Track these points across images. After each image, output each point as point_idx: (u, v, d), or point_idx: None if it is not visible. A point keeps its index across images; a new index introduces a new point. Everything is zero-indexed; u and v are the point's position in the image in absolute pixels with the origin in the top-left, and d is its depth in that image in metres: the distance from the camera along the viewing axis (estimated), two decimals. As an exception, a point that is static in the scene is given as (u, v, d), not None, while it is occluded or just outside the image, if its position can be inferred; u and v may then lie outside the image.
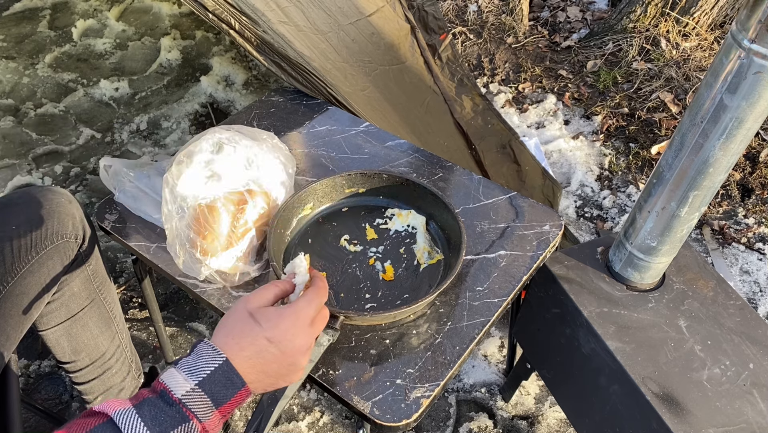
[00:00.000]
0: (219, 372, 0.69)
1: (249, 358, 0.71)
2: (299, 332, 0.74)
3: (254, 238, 1.10)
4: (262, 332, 0.72)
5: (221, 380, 0.69)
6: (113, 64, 2.74)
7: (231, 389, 0.69)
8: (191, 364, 0.69)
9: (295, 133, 1.44)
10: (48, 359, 1.70)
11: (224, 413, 0.70)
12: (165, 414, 0.65)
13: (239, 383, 0.70)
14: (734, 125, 0.89)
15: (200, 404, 0.67)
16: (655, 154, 2.28)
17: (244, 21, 1.38)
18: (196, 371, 0.68)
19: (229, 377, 0.69)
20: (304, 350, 0.75)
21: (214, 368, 0.69)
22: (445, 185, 1.30)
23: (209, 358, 0.69)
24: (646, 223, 1.09)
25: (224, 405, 0.69)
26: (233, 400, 0.70)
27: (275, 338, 0.72)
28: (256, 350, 0.71)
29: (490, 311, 1.06)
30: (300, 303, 0.76)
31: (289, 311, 0.75)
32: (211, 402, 0.68)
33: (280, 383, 0.75)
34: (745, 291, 1.92)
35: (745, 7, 0.81)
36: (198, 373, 0.68)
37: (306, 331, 0.75)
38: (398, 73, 1.77)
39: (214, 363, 0.69)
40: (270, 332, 0.72)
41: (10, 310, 1.05)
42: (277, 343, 0.72)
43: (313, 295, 0.79)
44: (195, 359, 0.69)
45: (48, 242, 1.09)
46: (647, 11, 2.71)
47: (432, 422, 1.58)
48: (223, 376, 0.69)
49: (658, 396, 1.02)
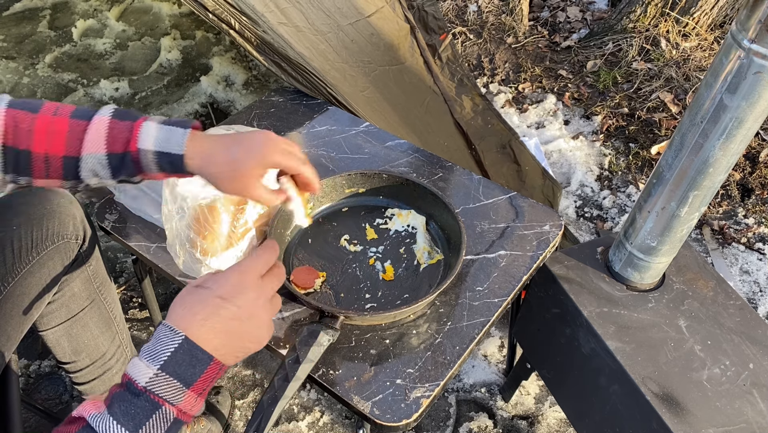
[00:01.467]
0: (180, 352, 0.68)
1: (205, 321, 0.69)
2: (249, 284, 0.73)
3: (254, 238, 1.11)
4: (212, 292, 0.71)
5: (185, 359, 0.68)
6: (113, 64, 2.74)
7: (198, 367, 0.68)
8: (151, 349, 0.68)
9: (295, 133, 1.44)
10: (48, 359, 1.70)
11: (199, 391, 0.69)
12: (135, 406, 0.65)
13: (205, 358, 0.69)
14: (734, 125, 0.89)
15: (168, 388, 0.66)
16: (655, 154, 2.29)
17: (244, 21, 1.38)
18: (157, 355, 0.67)
19: (193, 354, 0.68)
20: (261, 302, 0.73)
21: (174, 348, 0.68)
22: (445, 185, 1.30)
23: (168, 340, 0.68)
24: (646, 223, 1.09)
25: (195, 383, 0.68)
26: (204, 376, 0.69)
27: (226, 294, 0.71)
28: (210, 311, 0.70)
29: (490, 311, 1.06)
30: (245, 260, 0.76)
31: (234, 267, 0.74)
32: (180, 383, 0.67)
33: (249, 344, 0.73)
34: (745, 291, 1.92)
35: (745, 7, 0.81)
36: (159, 357, 0.67)
37: (256, 283, 0.74)
38: (398, 73, 1.77)
39: (173, 343, 0.68)
40: (219, 290, 0.71)
41: (10, 310, 1.05)
42: (229, 299, 0.71)
43: (260, 251, 0.77)
44: (154, 344, 0.68)
45: (49, 242, 1.09)
46: (647, 11, 2.71)
47: (432, 422, 1.58)
48: (185, 354, 0.68)
49: (658, 396, 1.02)
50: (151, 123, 0.83)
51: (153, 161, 0.83)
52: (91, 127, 0.82)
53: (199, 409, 0.71)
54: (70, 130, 0.81)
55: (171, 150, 0.82)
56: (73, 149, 0.81)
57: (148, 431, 0.65)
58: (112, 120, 0.82)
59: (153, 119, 0.84)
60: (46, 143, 0.81)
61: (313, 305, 1.03)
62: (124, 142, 0.82)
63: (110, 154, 0.82)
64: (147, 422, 0.65)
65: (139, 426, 0.64)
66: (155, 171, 0.84)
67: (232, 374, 1.67)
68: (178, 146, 0.82)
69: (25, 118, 0.82)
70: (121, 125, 0.82)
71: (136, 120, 0.83)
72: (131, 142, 0.82)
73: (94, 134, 0.81)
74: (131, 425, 0.64)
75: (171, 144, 0.82)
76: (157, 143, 0.82)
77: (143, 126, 0.83)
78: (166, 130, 0.83)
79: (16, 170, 0.82)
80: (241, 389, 1.64)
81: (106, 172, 0.84)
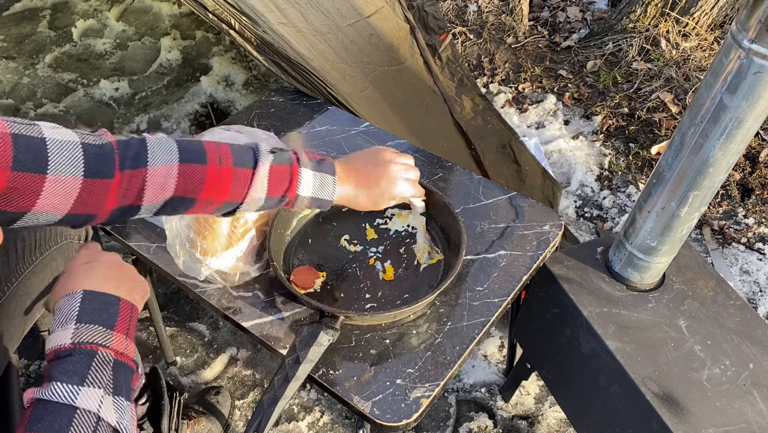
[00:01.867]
0: (86, 302, 0.73)
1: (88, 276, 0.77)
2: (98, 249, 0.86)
3: (254, 238, 1.11)
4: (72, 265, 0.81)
5: (94, 306, 0.73)
6: (113, 64, 2.74)
7: (111, 309, 0.74)
8: (59, 318, 0.73)
9: (295, 133, 1.44)
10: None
11: (124, 331, 0.74)
12: (71, 363, 0.67)
13: (111, 300, 0.75)
14: (734, 125, 0.89)
15: (92, 334, 0.70)
16: (655, 154, 2.29)
17: (244, 21, 1.38)
18: (67, 317, 0.72)
19: (98, 300, 0.74)
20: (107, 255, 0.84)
21: (79, 303, 0.73)
22: (445, 185, 1.30)
23: (69, 302, 0.73)
24: (646, 223, 1.09)
25: (116, 324, 0.73)
26: (121, 316, 0.74)
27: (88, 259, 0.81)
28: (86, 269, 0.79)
29: (490, 311, 1.06)
30: None
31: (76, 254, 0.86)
32: (102, 327, 0.71)
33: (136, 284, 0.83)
34: (745, 291, 1.92)
35: (745, 7, 0.81)
36: (70, 317, 0.72)
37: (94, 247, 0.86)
38: (398, 73, 1.77)
39: (76, 300, 0.73)
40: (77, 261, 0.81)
41: (13, 311, 1.05)
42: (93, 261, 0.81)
43: None
44: (59, 313, 0.73)
45: (52, 243, 1.09)
46: (647, 11, 2.71)
47: (432, 422, 1.58)
48: (92, 303, 0.73)
49: (658, 396, 1.02)
50: (307, 170, 0.89)
51: (305, 203, 0.91)
52: (257, 178, 0.85)
53: (133, 352, 0.74)
54: (235, 180, 0.84)
55: (324, 196, 0.92)
56: (236, 196, 0.85)
57: (94, 377, 0.67)
58: (273, 166, 0.86)
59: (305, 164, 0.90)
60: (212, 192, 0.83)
61: (313, 305, 1.03)
62: (284, 189, 0.88)
63: (269, 198, 0.87)
64: (89, 370, 0.67)
65: (83, 377, 0.66)
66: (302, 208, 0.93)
67: (232, 374, 1.68)
68: (329, 193, 0.92)
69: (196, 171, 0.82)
70: (281, 172, 0.87)
71: (293, 164, 0.89)
72: (291, 190, 0.88)
73: (257, 184, 0.85)
74: (76, 379, 0.66)
75: (324, 191, 0.92)
76: (314, 191, 0.91)
77: (301, 174, 0.89)
78: (319, 177, 0.91)
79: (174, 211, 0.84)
80: (241, 389, 1.64)
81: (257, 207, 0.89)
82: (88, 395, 0.65)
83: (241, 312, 1.07)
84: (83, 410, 0.64)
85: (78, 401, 0.64)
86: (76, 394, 0.64)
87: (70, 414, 0.63)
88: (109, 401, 0.66)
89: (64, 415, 0.63)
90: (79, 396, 0.64)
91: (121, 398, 0.68)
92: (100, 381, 0.66)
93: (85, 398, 0.64)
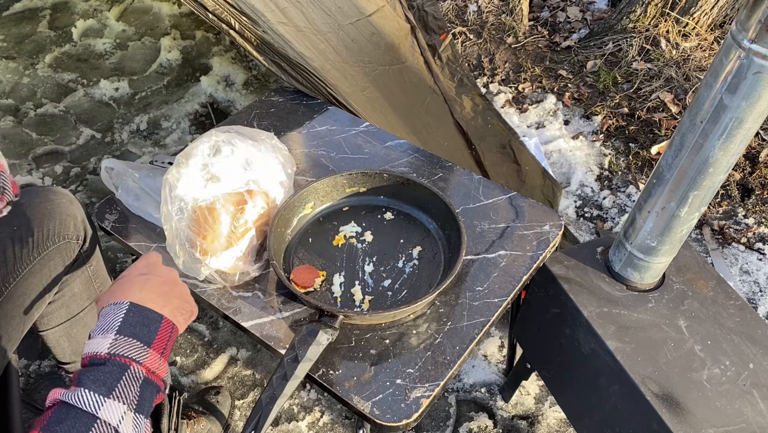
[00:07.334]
0: (131, 315, 0.73)
1: (142, 289, 0.77)
2: (157, 263, 0.85)
3: (254, 238, 1.11)
4: (131, 274, 0.81)
5: (137, 320, 0.73)
6: (113, 64, 2.74)
7: (152, 325, 0.74)
8: (101, 325, 0.72)
9: (295, 133, 1.44)
10: (48, 359, 1.70)
11: (160, 351, 0.73)
12: (103, 373, 0.67)
13: (155, 317, 0.74)
14: (734, 125, 0.89)
15: (129, 348, 0.70)
16: (655, 154, 2.28)
17: (244, 21, 1.38)
18: (109, 326, 0.72)
19: (143, 314, 0.74)
20: (175, 276, 0.85)
21: (123, 314, 0.73)
22: (445, 185, 1.30)
23: (114, 311, 0.73)
24: (646, 223, 1.09)
25: (154, 342, 0.72)
26: (160, 335, 0.74)
27: (145, 271, 0.81)
28: (141, 282, 0.78)
29: (490, 311, 1.06)
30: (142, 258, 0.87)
31: (139, 259, 0.87)
32: (140, 342, 0.71)
33: (186, 305, 0.82)
34: (745, 291, 1.92)
35: (745, 7, 0.81)
36: (112, 326, 0.71)
37: (162, 265, 0.86)
38: (398, 73, 1.77)
39: (121, 311, 0.73)
40: (136, 271, 0.81)
41: (11, 311, 1.05)
42: (150, 273, 0.81)
43: None
44: (102, 321, 0.73)
45: (50, 242, 1.09)
46: (647, 11, 2.71)
47: (432, 422, 1.58)
48: (136, 316, 0.73)
49: (658, 396, 1.02)
50: None
51: None
52: None
53: (165, 372, 0.74)
54: None
55: None
56: None
57: (121, 392, 0.67)
58: None
59: None
60: None
61: (313, 304, 1.03)
62: None
63: None
64: (118, 383, 0.67)
65: (111, 389, 0.66)
66: None
67: (232, 374, 1.67)
68: None
69: None
70: None
71: None
72: None
73: None
74: (104, 390, 0.66)
75: None
76: None
77: None
78: None
79: None
80: (241, 389, 1.64)
81: None
82: (111, 408, 0.65)
83: (241, 312, 1.07)
84: (103, 421, 0.64)
85: (100, 412, 0.64)
86: (100, 404, 0.64)
87: (89, 423, 0.63)
88: (130, 417, 0.66)
89: (83, 423, 0.63)
90: (103, 408, 0.64)
91: (142, 415, 0.68)
92: (126, 396, 0.67)
93: (108, 410, 0.65)
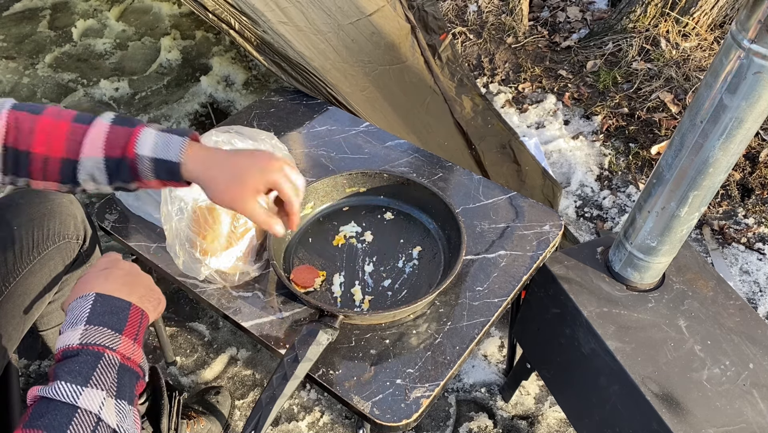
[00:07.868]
0: (98, 305, 0.73)
1: (105, 280, 0.78)
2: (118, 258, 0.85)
3: (254, 238, 1.11)
4: (93, 271, 0.81)
5: (105, 309, 0.73)
6: (113, 64, 2.74)
7: (121, 313, 0.74)
8: (70, 319, 0.73)
9: (295, 133, 1.44)
10: (48, 359, 1.70)
11: (132, 336, 0.74)
12: (77, 363, 0.67)
13: (123, 305, 0.75)
14: (734, 125, 0.89)
15: (101, 336, 0.70)
16: (655, 154, 2.28)
17: (244, 21, 1.38)
18: (77, 318, 0.72)
19: (110, 303, 0.74)
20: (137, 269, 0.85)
21: (90, 305, 0.73)
22: (445, 185, 1.30)
23: (81, 304, 0.74)
24: (646, 223, 1.09)
25: (125, 328, 0.73)
26: (131, 321, 0.74)
27: (107, 266, 0.81)
28: (104, 275, 0.79)
29: (490, 311, 1.06)
30: None
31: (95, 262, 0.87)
32: (111, 330, 0.72)
33: (152, 293, 0.82)
34: (745, 291, 1.92)
35: (745, 7, 0.81)
36: (80, 318, 0.72)
37: (116, 256, 0.86)
38: (398, 73, 1.77)
39: (88, 303, 0.74)
40: (98, 267, 0.81)
41: (11, 310, 1.05)
42: (112, 267, 0.81)
43: None
44: (70, 315, 0.73)
45: (50, 242, 1.09)
46: (647, 11, 2.71)
47: (432, 422, 1.58)
48: (104, 306, 0.74)
49: (658, 396, 1.02)
50: (150, 130, 0.84)
51: (149, 168, 0.83)
52: (91, 131, 0.83)
53: (141, 358, 0.74)
54: (71, 132, 0.82)
55: (168, 158, 0.82)
56: (72, 152, 0.82)
57: (98, 379, 0.67)
58: (112, 125, 0.83)
59: (152, 126, 0.84)
60: (46, 145, 0.82)
61: (313, 304, 1.03)
62: (122, 146, 0.82)
63: (108, 159, 0.83)
64: (94, 372, 0.67)
65: (88, 378, 0.66)
66: (151, 178, 0.84)
67: (232, 374, 1.67)
68: (175, 154, 0.82)
69: (27, 119, 0.82)
70: (120, 130, 0.83)
71: (135, 126, 0.84)
72: (129, 147, 0.82)
73: (93, 137, 0.82)
74: (80, 379, 0.66)
75: (169, 152, 0.82)
76: (155, 150, 0.82)
77: (142, 132, 0.83)
78: (164, 137, 0.83)
79: (16, 171, 0.83)
80: (241, 389, 1.64)
81: (102, 176, 0.84)
82: (90, 396, 0.65)
83: (240, 312, 1.07)
84: (84, 410, 0.64)
85: (80, 401, 0.64)
86: (78, 394, 0.64)
87: (70, 413, 0.63)
88: (111, 403, 0.66)
89: (64, 414, 0.63)
90: (82, 396, 0.64)
91: (124, 401, 0.68)
92: (103, 383, 0.67)
93: (87, 398, 0.65)
